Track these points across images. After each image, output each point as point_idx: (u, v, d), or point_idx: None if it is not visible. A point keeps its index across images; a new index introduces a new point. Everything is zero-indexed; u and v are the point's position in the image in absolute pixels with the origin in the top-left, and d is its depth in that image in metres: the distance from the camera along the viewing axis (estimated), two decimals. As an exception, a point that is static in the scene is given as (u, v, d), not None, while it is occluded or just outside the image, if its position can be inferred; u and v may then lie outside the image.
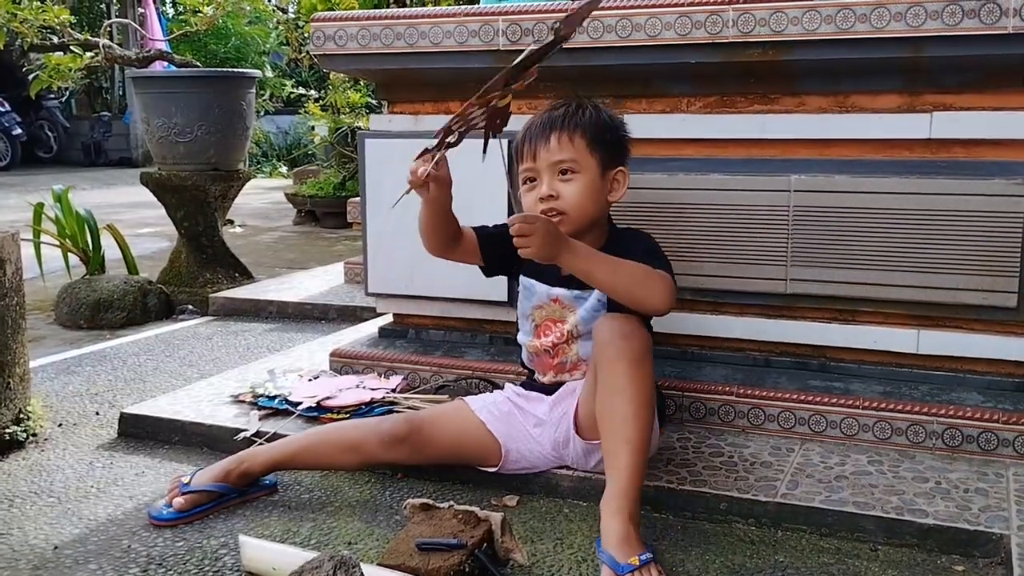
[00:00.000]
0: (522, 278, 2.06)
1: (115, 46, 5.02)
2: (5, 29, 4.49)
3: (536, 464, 2.01)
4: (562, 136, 1.90)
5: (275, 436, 2.23)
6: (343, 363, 2.67)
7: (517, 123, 2.49)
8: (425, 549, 1.59)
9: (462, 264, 2.09)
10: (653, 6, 2.20)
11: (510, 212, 2.48)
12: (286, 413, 2.36)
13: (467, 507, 1.70)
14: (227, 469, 1.97)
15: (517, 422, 2.01)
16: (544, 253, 1.71)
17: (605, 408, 1.75)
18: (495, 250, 2.04)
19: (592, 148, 1.91)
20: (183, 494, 1.92)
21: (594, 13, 2.24)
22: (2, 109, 13.57)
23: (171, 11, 14.33)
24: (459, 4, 6.39)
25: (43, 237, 4.06)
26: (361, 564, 1.48)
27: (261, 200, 9.31)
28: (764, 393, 2.21)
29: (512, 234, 1.70)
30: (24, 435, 2.36)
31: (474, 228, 2.05)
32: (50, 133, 14.82)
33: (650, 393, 1.77)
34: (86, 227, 4.09)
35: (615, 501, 1.66)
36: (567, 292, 1.98)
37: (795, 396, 2.19)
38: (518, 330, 2.11)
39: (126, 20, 10.44)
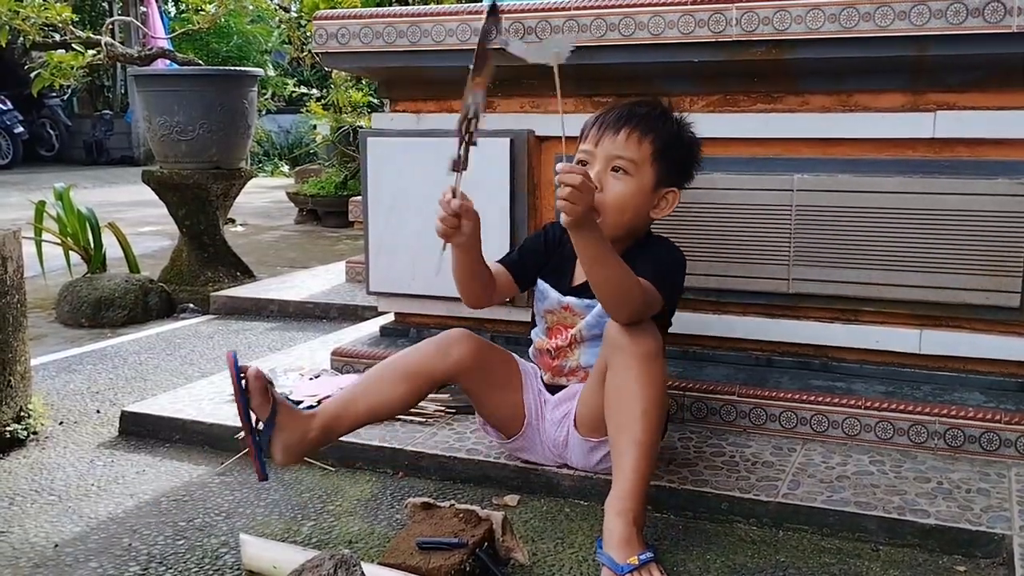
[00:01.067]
0: (538, 280, 2.03)
1: (117, 44, 5.03)
2: (7, 27, 4.49)
3: (537, 453, 2.01)
4: (632, 134, 1.84)
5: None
6: (344, 362, 2.67)
7: (516, 121, 2.50)
8: (426, 548, 1.59)
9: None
10: (656, 4, 2.20)
11: (512, 210, 2.47)
12: (287, 412, 2.36)
13: (468, 506, 1.70)
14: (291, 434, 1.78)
15: (540, 405, 2.01)
16: (581, 218, 1.58)
17: (613, 406, 1.73)
18: (528, 273, 2.02)
19: (656, 158, 1.85)
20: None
21: (597, 11, 2.24)
22: (4, 107, 13.58)
23: (173, 9, 14.33)
24: (461, 2, 6.38)
25: (45, 235, 4.06)
26: (362, 563, 1.48)
27: (262, 199, 9.31)
28: (766, 393, 2.21)
29: (565, 182, 1.55)
30: (25, 433, 2.36)
31: (500, 262, 2.00)
32: (52, 131, 14.84)
33: (661, 393, 1.74)
34: (87, 225, 4.09)
35: (619, 502, 1.65)
36: (578, 301, 1.96)
37: (797, 396, 2.18)
38: (533, 326, 2.09)
39: (128, 18, 10.44)
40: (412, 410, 2.19)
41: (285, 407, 1.80)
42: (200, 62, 5.49)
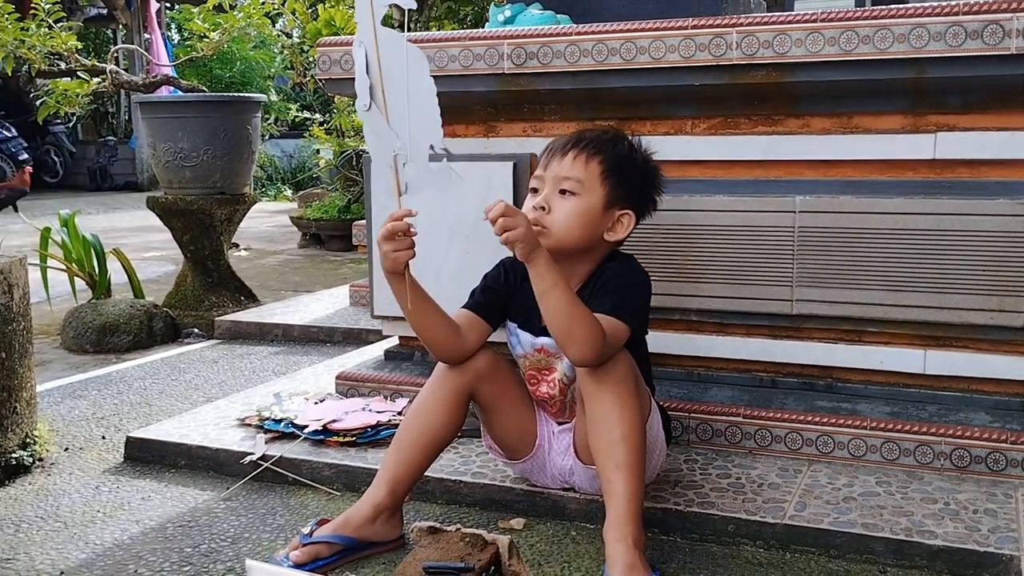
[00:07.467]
0: (508, 322, 1.98)
1: (122, 72, 5.05)
2: (12, 55, 4.52)
3: (546, 476, 2.01)
4: (579, 155, 1.84)
5: (281, 460, 2.22)
6: (349, 386, 2.67)
7: (519, 146, 2.51)
8: (432, 572, 1.59)
9: (466, 289, 2.04)
10: (657, 29, 2.22)
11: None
12: (292, 436, 2.36)
13: (474, 530, 1.70)
14: (358, 520, 1.83)
15: (549, 433, 2.00)
16: (526, 245, 1.64)
17: (594, 435, 1.74)
18: (496, 310, 1.96)
19: (604, 178, 1.83)
20: (302, 546, 1.78)
21: (600, 36, 2.26)
22: (8, 134, 13.62)
23: (177, 36, 14.42)
24: (464, 28, 6.42)
25: (50, 261, 4.07)
26: (368, 588, 1.48)
27: (266, 223, 9.33)
28: (771, 414, 2.21)
29: (493, 219, 1.63)
30: (30, 460, 2.36)
31: (464, 308, 1.95)
32: (56, 158, 14.87)
33: (637, 414, 1.73)
34: (92, 251, 4.10)
35: (616, 529, 1.65)
36: (551, 341, 1.86)
37: (802, 417, 2.18)
38: None
39: (132, 46, 10.50)
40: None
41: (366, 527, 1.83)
42: (204, 88, 5.51)
